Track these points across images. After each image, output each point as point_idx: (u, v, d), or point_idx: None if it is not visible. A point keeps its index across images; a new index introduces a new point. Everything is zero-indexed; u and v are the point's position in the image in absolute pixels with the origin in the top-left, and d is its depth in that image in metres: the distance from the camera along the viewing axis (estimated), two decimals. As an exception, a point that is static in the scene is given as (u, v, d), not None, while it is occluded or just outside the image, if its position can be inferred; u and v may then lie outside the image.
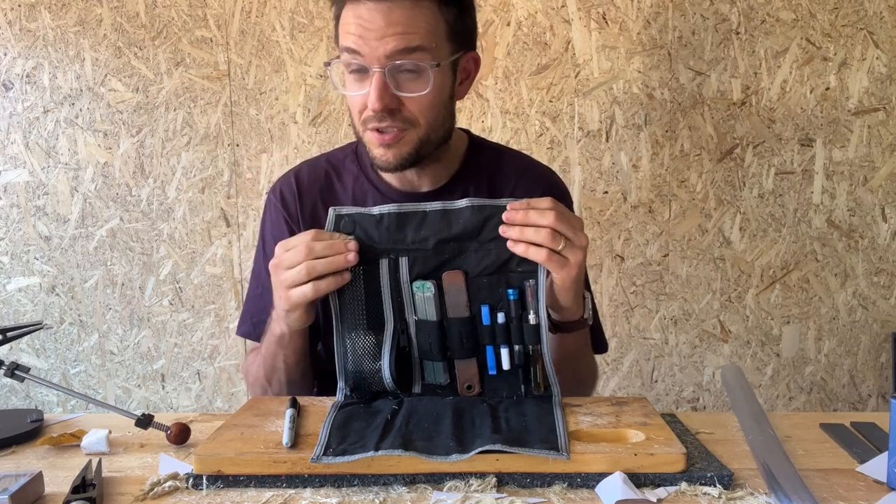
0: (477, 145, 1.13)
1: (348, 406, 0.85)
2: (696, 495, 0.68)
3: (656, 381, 1.73)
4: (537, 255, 0.83)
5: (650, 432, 0.76)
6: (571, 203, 1.17)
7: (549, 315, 0.94)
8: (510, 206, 0.84)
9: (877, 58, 1.62)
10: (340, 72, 0.99)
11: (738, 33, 1.62)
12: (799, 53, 1.62)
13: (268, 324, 1.00)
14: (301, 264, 0.84)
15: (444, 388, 0.89)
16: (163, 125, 1.67)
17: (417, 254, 0.87)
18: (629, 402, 0.86)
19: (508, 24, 1.62)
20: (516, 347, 0.87)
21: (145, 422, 0.86)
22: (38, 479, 0.71)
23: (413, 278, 0.87)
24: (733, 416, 0.90)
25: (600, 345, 1.14)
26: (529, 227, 0.83)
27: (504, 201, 0.85)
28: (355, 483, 0.71)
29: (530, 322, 0.85)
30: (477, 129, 1.62)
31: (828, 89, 1.64)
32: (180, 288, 1.71)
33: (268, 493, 0.70)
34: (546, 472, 0.70)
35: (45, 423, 0.93)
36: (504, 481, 0.70)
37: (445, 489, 0.69)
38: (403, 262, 0.87)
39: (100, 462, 0.77)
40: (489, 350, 0.87)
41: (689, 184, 1.67)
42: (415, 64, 0.93)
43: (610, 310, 1.70)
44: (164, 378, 1.75)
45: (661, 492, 0.69)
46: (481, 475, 0.70)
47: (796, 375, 1.73)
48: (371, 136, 0.97)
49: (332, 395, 0.90)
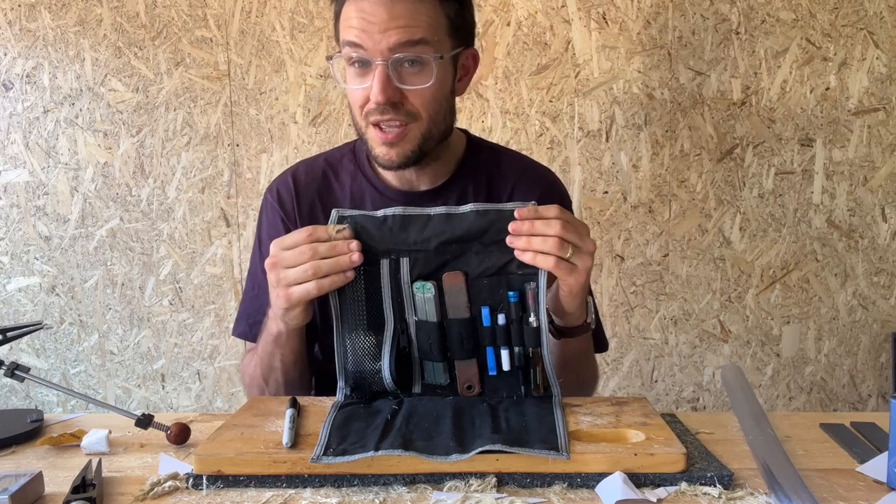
0: (475, 145, 1.12)
1: (348, 406, 0.85)
2: (696, 495, 0.68)
3: (656, 381, 1.73)
4: (545, 263, 0.83)
5: (650, 432, 0.76)
6: (570, 203, 1.16)
7: (552, 321, 0.94)
8: (518, 214, 0.83)
9: (877, 58, 1.62)
10: (342, 67, 0.99)
11: (738, 33, 1.62)
12: (799, 53, 1.62)
13: (264, 323, 1.00)
14: (306, 264, 0.84)
15: (444, 389, 0.89)
16: (163, 125, 1.67)
17: (418, 255, 0.87)
18: (629, 402, 0.86)
19: (508, 24, 1.62)
20: (516, 349, 0.87)
21: (145, 422, 0.86)
22: (38, 479, 0.71)
23: (414, 279, 0.87)
24: (733, 416, 0.90)
25: (601, 344, 1.14)
26: (536, 237, 0.83)
27: (509, 206, 0.84)
28: (355, 483, 0.71)
29: (531, 324, 0.85)
30: (477, 129, 1.62)
31: (828, 89, 1.64)
32: (180, 288, 1.71)
33: (268, 493, 0.70)
34: (546, 472, 0.70)
35: (45, 423, 0.93)
36: (504, 481, 0.70)
37: (445, 489, 0.69)
38: (404, 263, 0.87)
39: (100, 462, 0.77)
40: (489, 351, 0.87)
41: (689, 184, 1.67)
42: (418, 56, 0.93)
43: (610, 310, 1.70)
44: (164, 378, 1.75)
45: (661, 492, 0.69)
46: (481, 475, 0.70)
47: (796, 375, 1.73)
48: (373, 134, 0.97)
49: (331, 395, 0.90)
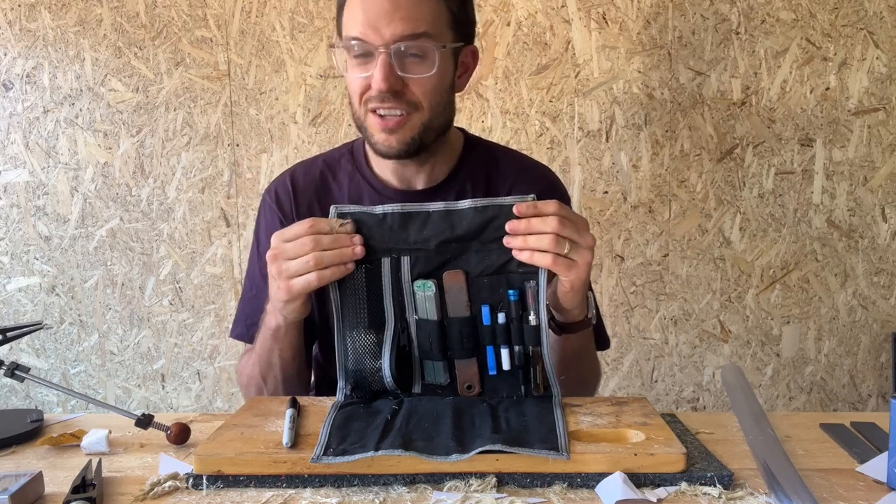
0: (473, 144, 1.12)
1: (348, 406, 0.85)
2: (696, 495, 0.68)
3: (656, 381, 1.73)
4: (542, 261, 0.83)
5: (650, 432, 0.76)
6: (570, 202, 1.16)
7: (553, 317, 0.94)
8: (517, 210, 0.83)
9: (877, 58, 1.62)
10: (343, 59, 0.99)
11: (738, 33, 1.62)
12: (799, 53, 1.62)
13: (262, 320, 0.99)
14: (308, 255, 0.84)
15: (444, 388, 0.89)
16: (163, 125, 1.67)
17: (419, 253, 0.87)
18: (629, 402, 0.86)
19: (508, 24, 1.62)
20: (516, 348, 0.86)
21: (145, 422, 0.86)
22: (38, 479, 0.71)
23: (414, 277, 0.87)
24: (733, 416, 0.90)
25: (603, 341, 1.14)
26: (532, 236, 0.82)
27: (508, 200, 0.84)
28: (355, 483, 0.71)
29: (531, 323, 0.85)
30: (477, 129, 1.62)
31: (828, 89, 1.64)
32: (180, 288, 1.71)
33: (268, 493, 0.70)
34: (546, 472, 0.70)
35: (45, 423, 0.93)
36: (504, 481, 0.70)
37: (445, 489, 0.69)
38: (405, 262, 0.87)
39: (100, 462, 0.77)
40: (489, 350, 0.87)
41: (689, 184, 1.67)
42: (420, 48, 0.94)
43: (610, 310, 1.70)
44: (164, 378, 1.75)
45: (661, 492, 0.69)
46: (481, 475, 0.70)
47: (796, 375, 1.73)
48: (373, 121, 0.97)
49: (330, 395, 0.90)
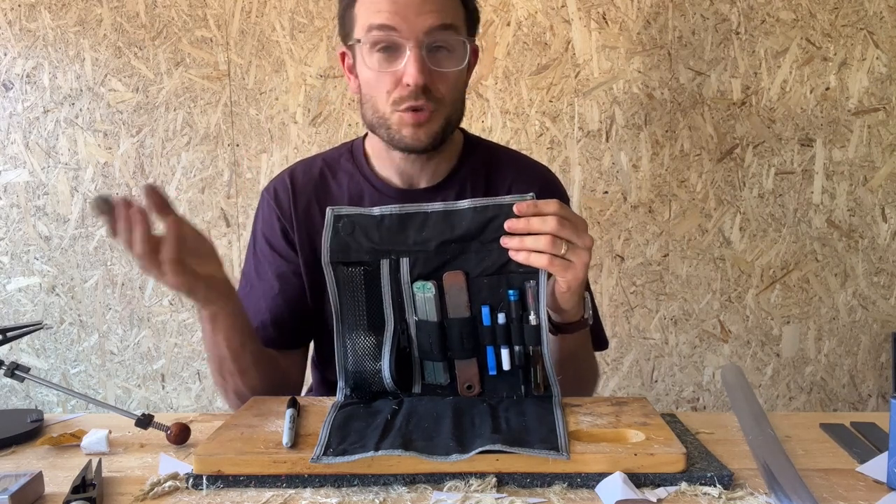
0: (473, 143, 1.12)
1: (348, 406, 0.85)
2: (696, 495, 0.68)
3: (656, 381, 1.73)
4: (539, 261, 0.82)
5: (650, 432, 0.76)
6: (569, 201, 1.16)
7: (549, 316, 0.93)
8: (516, 209, 0.82)
9: (877, 58, 1.62)
10: (361, 55, 0.96)
11: (738, 33, 1.62)
12: (799, 53, 1.62)
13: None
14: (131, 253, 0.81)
15: (444, 388, 0.89)
16: (163, 125, 1.67)
17: (419, 255, 0.86)
18: (629, 402, 0.86)
19: (508, 24, 1.62)
20: (516, 348, 0.86)
21: (145, 422, 0.86)
22: (38, 479, 0.71)
23: (414, 279, 0.87)
24: (733, 416, 0.90)
25: (601, 342, 1.14)
26: (529, 236, 0.82)
27: (507, 199, 0.84)
28: (355, 483, 0.71)
29: (531, 323, 0.85)
30: (477, 129, 1.62)
31: (828, 89, 1.64)
32: (180, 288, 1.71)
33: (268, 493, 0.70)
34: (546, 472, 0.70)
35: (45, 423, 0.93)
36: (504, 481, 0.70)
37: (445, 489, 0.69)
38: (404, 263, 0.87)
39: (100, 462, 0.77)
40: (489, 350, 0.87)
41: (689, 184, 1.66)
42: (448, 41, 0.94)
43: (610, 310, 1.70)
44: (164, 378, 1.75)
45: (661, 492, 0.69)
46: (481, 475, 0.70)
47: (796, 375, 1.73)
48: (401, 117, 0.95)
49: (330, 395, 0.90)
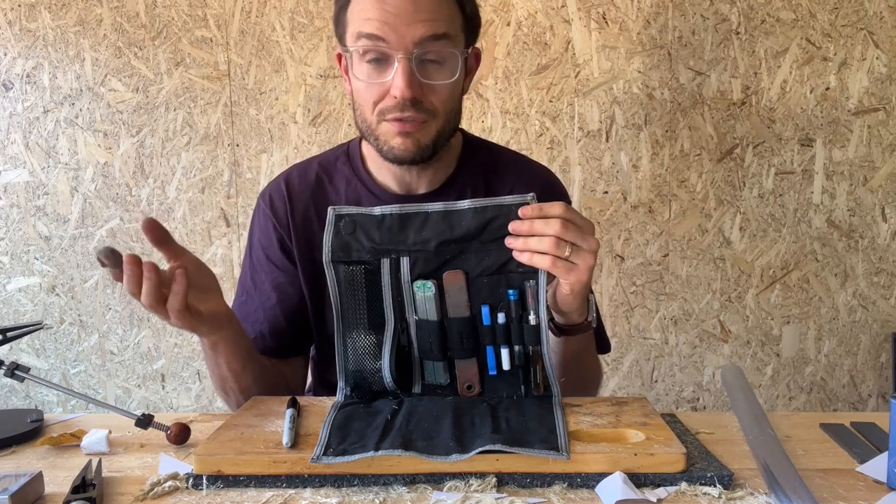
0: (472, 145, 1.10)
1: (348, 406, 0.85)
2: (696, 495, 0.68)
3: (656, 381, 1.73)
4: (542, 263, 0.82)
5: (650, 432, 0.76)
6: (570, 202, 1.16)
7: (553, 319, 0.93)
8: (521, 213, 0.82)
9: (877, 58, 1.62)
10: (352, 61, 0.94)
11: (738, 33, 1.62)
12: (799, 53, 1.62)
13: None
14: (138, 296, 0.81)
15: (444, 388, 0.89)
16: (163, 125, 1.67)
17: (419, 254, 0.86)
18: (629, 402, 0.86)
19: (508, 24, 1.62)
20: (516, 348, 0.86)
21: (145, 422, 0.86)
22: (38, 479, 0.71)
23: (414, 278, 0.87)
24: (733, 416, 0.90)
25: (604, 345, 1.12)
26: (533, 238, 0.81)
27: (507, 199, 0.83)
28: (355, 483, 0.71)
29: (531, 323, 0.85)
30: (477, 129, 1.62)
31: (828, 89, 1.64)
32: (180, 288, 1.71)
33: (268, 493, 0.70)
34: (546, 472, 0.70)
35: (45, 423, 0.93)
36: (504, 481, 0.70)
37: (445, 489, 0.69)
38: (404, 262, 0.87)
39: (100, 462, 0.77)
40: (489, 350, 0.87)
41: (689, 184, 1.67)
42: (440, 53, 0.91)
43: (610, 310, 1.70)
44: (164, 378, 1.75)
45: (661, 492, 0.69)
46: (481, 475, 0.70)
47: (796, 375, 1.73)
48: (388, 127, 0.94)
49: (329, 395, 0.90)
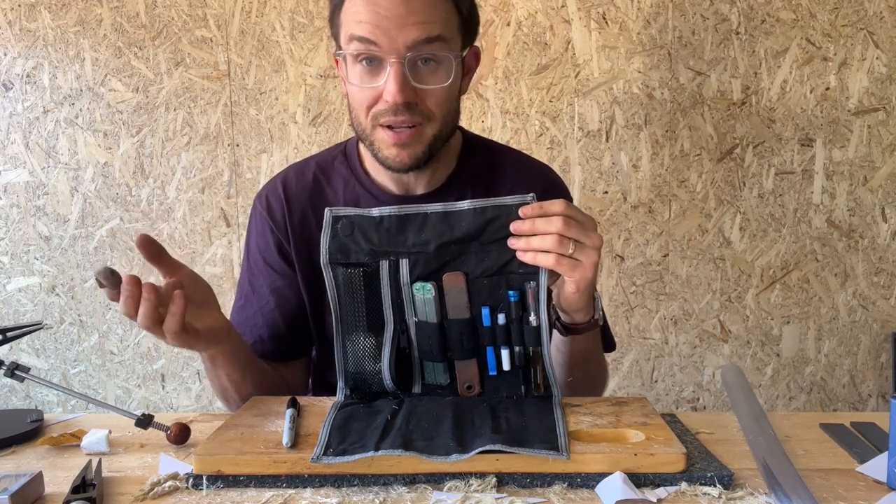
0: (472, 144, 1.08)
1: (348, 406, 0.85)
2: (696, 495, 0.68)
3: (656, 381, 1.73)
4: (545, 261, 0.81)
5: (650, 432, 0.76)
6: (571, 200, 1.15)
7: (560, 318, 0.92)
8: (522, 212, 0.82)
9: (877, 58, 1.62)
10: (345, 64, 0.93)
11: (738, 33, 1.62)
12: (799, 53, 1.62)
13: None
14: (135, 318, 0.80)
15: (444, 389, 0.89)
16: (163, 125, 1.67)
17: (418, 256, 0.86)
18: (629, 402, 0.86)
19: (508, 24, 1.62)
20: (516, 349, 0.86)
21: (145, 422, 0.86)
22: (38, 479, 0.71)
23: (413, 280, 0.87)
24: (733, 416, 0.90)
25: (609, 343, 1.12)
26: (535, 237, 0.81)
27: (507, 200, 0.83)
28: (355, 483, 0.71)
29: (531, 324, 0.85)
30: (477, 129, 1.62)
31: (828, 89, 1.64)
32: (180, 288, 1.71)
33: (268, 493, 0.70)
34: (546, 472, 0.70)
35: (45, 423, 0.93)
36: (504, 481, 0.70)
37: (445, 489, 0.69)
38: (404, 264, 0.86)
39: (100, 462, 0.77)
40: (489, 351, 0.87)
41: (689, 184, 1.67)
42: (435, 55, 0.89)
43: (610, 310, 1.70)
44: (164, 378, 1.75)
45: (661, 492, 0.69)
46: (481, 475, 0.70)
47: (796, 375, 1.73)
48: (382, 135, 0.92)
49: (329, 396, 0.90)
